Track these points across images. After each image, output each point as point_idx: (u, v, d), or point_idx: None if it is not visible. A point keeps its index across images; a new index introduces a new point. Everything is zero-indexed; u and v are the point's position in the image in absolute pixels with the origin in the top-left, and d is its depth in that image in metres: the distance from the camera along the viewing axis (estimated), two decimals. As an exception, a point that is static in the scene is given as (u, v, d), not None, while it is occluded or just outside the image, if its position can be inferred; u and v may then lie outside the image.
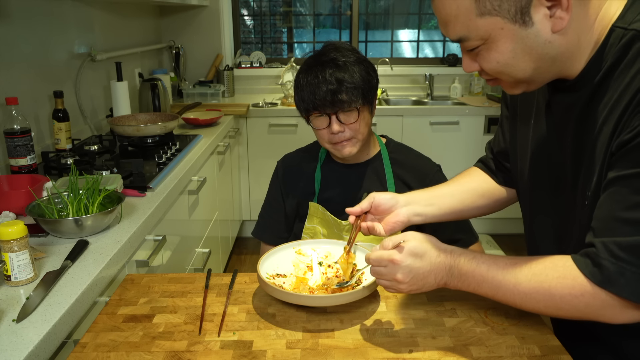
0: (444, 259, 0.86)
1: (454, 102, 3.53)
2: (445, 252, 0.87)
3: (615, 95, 0.77)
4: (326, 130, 1.30)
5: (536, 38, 0.77)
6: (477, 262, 0.85)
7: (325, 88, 1.24)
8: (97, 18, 2.50)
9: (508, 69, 0.81)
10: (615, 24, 0.79)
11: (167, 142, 2.07)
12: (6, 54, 1.77)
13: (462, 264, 0.85)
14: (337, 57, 1.28)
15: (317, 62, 1.29)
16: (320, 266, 1.08)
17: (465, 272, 0.85)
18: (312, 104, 1.27)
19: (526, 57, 0.79)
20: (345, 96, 1.25)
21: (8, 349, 0.82)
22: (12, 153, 1.65)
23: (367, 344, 0.85)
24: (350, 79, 1.25)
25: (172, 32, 3.65)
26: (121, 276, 1.24)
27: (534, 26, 0.77)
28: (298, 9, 4.06)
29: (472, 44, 0.81)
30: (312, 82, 1.26)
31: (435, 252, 0.87)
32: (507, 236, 3.50)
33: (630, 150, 0.73)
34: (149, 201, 1.51)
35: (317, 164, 1.43)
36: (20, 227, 0.99)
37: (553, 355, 0.83)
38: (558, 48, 0.79)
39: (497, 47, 0.79)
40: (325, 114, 1.28)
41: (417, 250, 0.86)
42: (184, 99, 3.41)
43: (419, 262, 0.85)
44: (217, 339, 0.87)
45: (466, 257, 0.86)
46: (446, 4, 0.79)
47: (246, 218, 3.44)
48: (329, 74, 1.25)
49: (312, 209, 1.39)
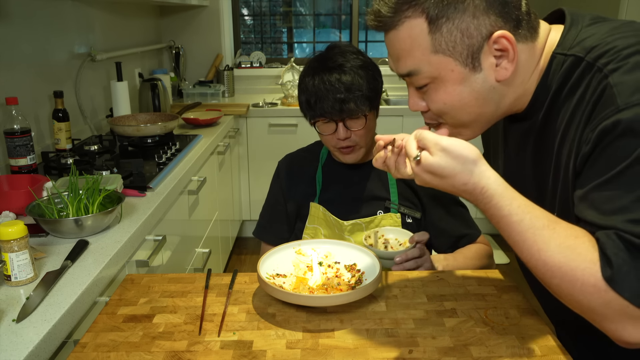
0: (471, 188, 0.77)
1: (454, 102, 3.53)
2: (474, 185, 0.76)
3: (567, 115, 0.79)
4: (332, 135, 1.29)
5: (483, 83, 0.81)
6: (511, 208, 0.75)
7: (333, 97, 1.23)
8: (97, 18, 2.50)
9: (453, 111, 0.83)
10: (555, 51, 0.82)
11: (167, 142, 2.07)
12: (6, 54, 1.77)
13: (494, 204, 0.77)
14: (344, 63, 1.26)
15: (324, 67, 1.27)
16: (320, 266, 1.08)
17: (494, 212, 0.77)
18: (319, 111, 1.26)
19: (472, 101, 0.82)
20: (354, 105, 1.24)
21: (8, 349, 0.82)
22: (12, 153, 1.65)
23: (367, 344, 0.85)
24: (358, 87, 1.24)
25: (172, 32, 3.66)
26: (121, 276, 1.24)
27: (482, 72, 0.80)
28: (298, 9, 4.06)
29: (421, 81, 0.83)
30: (319, 87, 1.25)
31: (463, 177, 0.76)
32: (507, 236, 3.50)
33: (594, 161, 0.73)
34: (149, 201, 1.51)
35: (318, 164, 1.43)
36: (20, 227, 0.99)
37: (553, 355, 0.83)
38: (502, 95, 0.82)
39: (446, 88, 0.82)
40: (332, 121, 1.28)
41: (437, 170, 0.77)
42: (184, 99, 3.41)
43: (437, 181, 0.78)
44: (217, 339, 0.87)
45: (501, 198, 0.76)
46: (401, 39, 0.82)
47: (246, 218, 3.44)
48: (336, 80, 1.23)
49: (313, 209, 1.39)
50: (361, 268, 1.05)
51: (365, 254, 1.07)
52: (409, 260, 1.13)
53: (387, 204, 1.35)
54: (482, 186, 0.76)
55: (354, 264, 1.07)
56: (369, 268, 1.03)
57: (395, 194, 1.36)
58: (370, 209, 1.36)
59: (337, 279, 1.03)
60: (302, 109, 1.34)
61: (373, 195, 1.37)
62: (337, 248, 1.11)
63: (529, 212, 0.75)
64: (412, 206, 1.36)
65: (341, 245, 1.11)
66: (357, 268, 1.05)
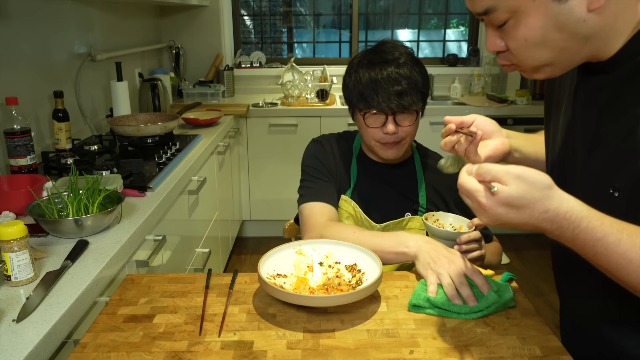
0: (552, 215, 0.70)
1: (454, 102, 3.53)
2: (556, 210, 0.70)
3: None
4: (379, 129, 1.28)
5: (570, 15, 0.72)
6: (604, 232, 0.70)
7: (392, 89, 1.22)
8: (97, 18, 2.50)
9: (535, 48, 0.75)
10: None
11: (167, 142, 2.07)
12: (6, 54, 1.77)
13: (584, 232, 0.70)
14: (399, 57, 1.26)
15: (381, 60, 1.26)
16: (321, 266, 1.08)
17: (585, 236, 0.70)
18: (374, 103, 1.24)
19: (556, 36, 0.73)
20: (410, 99, 1.23)
21: (8, 349, 0.82)
22: (12, 153, 1.64)
23: (368, 345, 0.85)
24: (415, 81, 1.24)
25: (172, 32, 3.65)
26: (121, 276, 1.24)
27: (568, 2, 0.71)
28: (298, 9, 4.06)
29: (500, 17, 0.75)
30: (376, 79, 1.24)
31: (542, 205, 0.70)
32: (507, 236, 3.50)
33: None
34: (149, 201, 1.51)
35: (352, 156, 1.40)
36: (20, 227, 0.98)
37: (554, 355, 0.83)
38: (592, 28, 0.73)
39: (527, 23, 0.74)
40: (382, 114, 1.26)
41: (515, 200, 0.70)
42: (184, 99, 3.41)
43: (513, 213, 0.71)
44: (218, 339, 0.87)
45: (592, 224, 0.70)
46: None
47: (246, 218, 3.44)
48: (394, 72, 1.23)
49: (344, 203, 1.35)
50: (362, 268, 1.04)
51: (366, 254, 1.06)
52: (471, 241, 1.14)
53: (415, 206, 1.35)
54: (566, 211, 0.70)
55: (354, 264, 1.06)
56: (370, 268, 1.03)
57: (424, 197, 1.36)
58: (399, 209, 1.35)
59: (338, 279, 1.03)
60: (352, 101, 1.31)
61: (402, 196, 1.36)
62: (337, 248, 1.11)
63: (624, 229, 0.69)
64: (436, 210, 1.35)
65: (342, 245, 1.11)
66: (358, 268, 1.05)
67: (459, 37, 4.12)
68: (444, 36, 4.07)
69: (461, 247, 1.13)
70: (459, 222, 1.23)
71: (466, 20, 4.00)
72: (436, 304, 0.94)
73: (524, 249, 3.36)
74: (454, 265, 1.01)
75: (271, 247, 1.08)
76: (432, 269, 1.02)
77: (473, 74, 3.70)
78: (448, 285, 0.97)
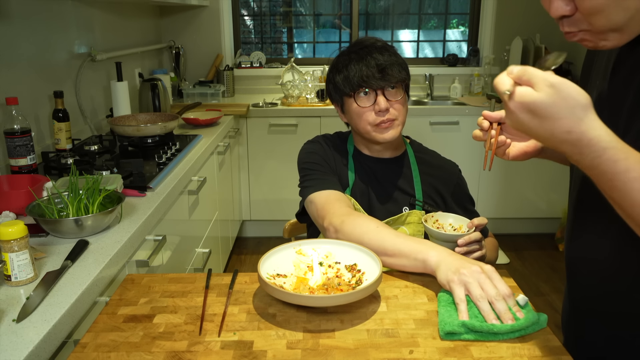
0: (575, 138, 0.66)
1: (454, 102, 3.53)
2: (581, 134, 0.66)
3: None
4: (371, 108, 1.30)
5: None
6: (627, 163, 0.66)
7: (374, 63, 1.27)
8: (97, 18, 2.50)
9: (608, 9, 0.69)
10: None
11: (167, 142, 2.07)
12: (6, 54, 1.77)
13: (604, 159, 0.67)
14: (377, 43, 1.32)
15: (360, 46, 1.32)
16: (321, 266, 1.08)
17: (605, 167, 0.66)
18: (360, 79, 1.28)
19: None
20: (393, 71, 1.28)
21: (8, 349, 0.82)
22: (12, 153, 1.64)
23: (368, 345, 0.85)
24: (395, 57, 1.30)
25: (172, 32, 3.66)
26: (121, 276, 1.24)
27: None
28: (298, 9, 4.06)
29: None
30: (356, 62, 1.29)
31: (568, 123, 0.66)
32: (507, 236, 3.50)
33: None
34: (149, 201, 1.51)
35: (348, 155, 1.42)
36: (20, 227, 0.99)
37: (554, 355, 0.83)
38: None
39: None
40: (372, 91, 1.29)
41: (539, 108, 0.66)
42: (184, 99, 3.41)
43: (535, 122, 0.68)
44: (218, 339, 0.87)
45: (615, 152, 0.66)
46: None
47: (246, 218, 3.44)
48: (375, 53, 1.29)
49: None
50: (362, 268, 1.04)
51: (366, 254, 1.06)
52: (472, 242, 1.14)
53: (412, 200, 1.37)
54: (590, 138, 0.65)
55: (354, 264, 1.06)
56: (370, 268, 1.03)
57: (420, 191, 1.37)
58: (396, 204, 1.37)
59: (338, 279, 1.03)
60: (338, 89, 1.34)
61: (399, 191, 1.38)
62: (337, 248, 1.11)
63: None
64: (433, 204, 1.38)
65: (342, 245, 1.11)
66: (358, 268, 1.05)
67: (459, 37, 4.13)
68: (444, 36, 4.07)
69: (462, 249, 1.12)
70: (459, 222, 1.23)
71: (466, 20, 4.00)
72: (474, 328, 0.85)
73: (524, 249, 3.36)
74: (483, 275, 0.92)
75: (271, 247, 1.08)
76: (459, 279, 0.92)
77: (473, 74, 3.70)
78: (480, 297, 0.89)
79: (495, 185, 3.39)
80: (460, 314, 0.88)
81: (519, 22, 3.68)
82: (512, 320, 0.86)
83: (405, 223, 1.34)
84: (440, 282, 0.98)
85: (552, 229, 3.50)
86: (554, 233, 3.47)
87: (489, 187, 3.39)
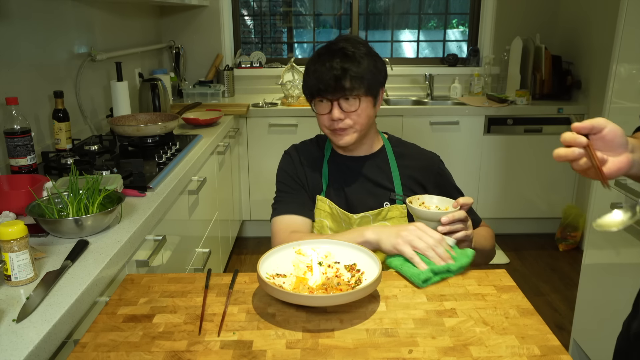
0: None
1: (454, 102, 3.53)
2: None
3: None
4: (327, 116, 1.32)
5: None
6: None
7: (330, 74, 1.27)
8: (97, 18, 2.50)
9: None
10: None
11: (167, 142, 2.07)
12: (6, 54, 1.77)
13: None
14: (347, 47, 1.31)
15: (327, 51, 1.33)
16: (320, 266, 1.08)
17: None
18: (316, 88, 1.30)
19: None
20: (348, 84, 1.27)
21: (8, 349, 0.82)
22: (12, 153, 1.65)
23: (367, 344, 0.86)
24: (355, 69, 1.28)
25: (172, 32, 3.66)
26: (121, 276, 1.24)
27: None
28: (298, 9, 4.06)
29: None
30: (319, 69, 1.30)
31: None
32: (507, 236, 3.50)
33: None
34: (149, 201, 1.51)
35: (324, 158, 1.44)
36: (20, 227, 0.99)
37: (553, 355, 0.83)
38: None
39: None
40: (327, 100, 1.30)
41: None
42: (184, 99, 3.41)
43: None
44: (217, 339, 0.87)
45: None
46: None
47: (246, 218, 3.44)
48: (336, 62, 1.28)
49: (320, 203, 1.39)
50: (361, 268, 1.05)
51: (365, 254, 1.07)
52: (455, 221, 1.15)
53: (392, 195, 1.37)
54: None
55: (353, 264, 1.07)
56: (369, 268, 1.03)
57: (400, 185, 1.38)
58: (376, 201, 1.37)
59: (337, 279, 1.03)
60: (304, 92, 1.37)
61: (378, 187, 1.39)
62: (337, 248, 1.11)
63: None
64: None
65: (341, 245, 1.11)
66: (357, 268, 1.05)
67: (458, 37, 4.13)
68: (444, 36, 4.07)
69: (445, 227, 1.14)
70: (445, 203, 1.24)
71: (466, 20, 4.00)
72: (436, 270, 1.05)
73: (524, 249, 3.36)
74: (419, 231, 1.10)
75: (271, 247, 1.08)
76: (402, 242, 1.10)
77: (473, 74, 3.70)
78: (425, 248, 1.07)
79: (495, 185, 3.39)
80: (419, 265, 1.06)
81: (518, 22, 3.68)
82: (451, 260, 1.07)
83: (387, 218, 1.35)
84: (386, 251, 1.14)
85: (552, 229, 3.50)
86: (554, 233, 3.47)
87: (489, 187, 3.39)
